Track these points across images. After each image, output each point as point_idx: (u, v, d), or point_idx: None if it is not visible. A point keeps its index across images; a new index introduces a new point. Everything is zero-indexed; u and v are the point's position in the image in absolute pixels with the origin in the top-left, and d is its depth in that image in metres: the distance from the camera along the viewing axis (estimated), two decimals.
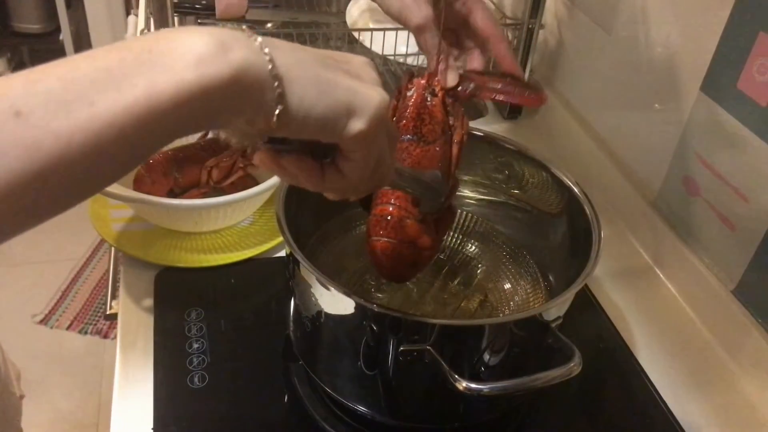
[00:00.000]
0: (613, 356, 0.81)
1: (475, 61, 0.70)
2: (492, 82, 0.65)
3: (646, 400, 0.76)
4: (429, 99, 0.63)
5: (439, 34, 0.65)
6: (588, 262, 0.62)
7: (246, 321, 0.81)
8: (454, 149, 0.63)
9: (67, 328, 1.98)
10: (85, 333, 1.97)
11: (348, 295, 0.58)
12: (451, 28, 0.69)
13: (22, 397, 0.90)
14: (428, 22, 0.65)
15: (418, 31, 0.67)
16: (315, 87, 0.37)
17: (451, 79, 0.64)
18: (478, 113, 1.26)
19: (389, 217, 0.61)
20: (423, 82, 0.64)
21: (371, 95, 0.39)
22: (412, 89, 0.64)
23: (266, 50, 0.35)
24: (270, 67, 0.35)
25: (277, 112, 0.36)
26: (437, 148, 0.62)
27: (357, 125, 0.38)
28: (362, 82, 0.40)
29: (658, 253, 0.93)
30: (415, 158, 0.61)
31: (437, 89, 0.63)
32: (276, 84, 0.35)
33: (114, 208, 0.92)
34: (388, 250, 0.61)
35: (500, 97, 0.65)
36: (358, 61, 0.42)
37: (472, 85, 0.65)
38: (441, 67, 0.65)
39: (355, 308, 0.59)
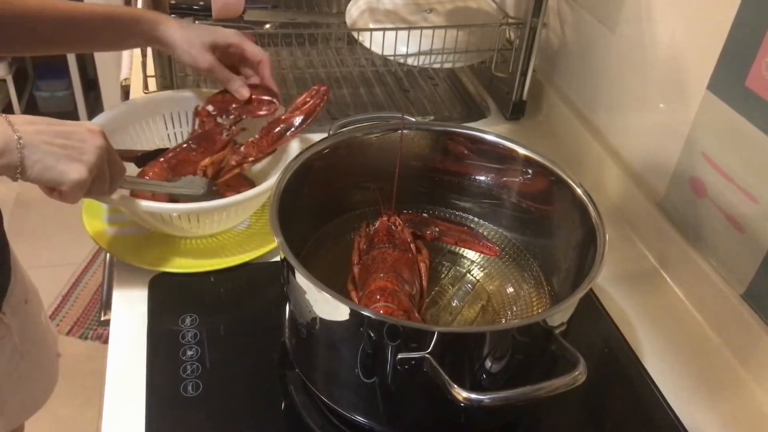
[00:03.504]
0: (618, 362, 0.79)
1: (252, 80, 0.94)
2: (454, 230, 0.79)
3: (653, 408, 0.74)
4: (393, 227, 0.76)
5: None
6: (593, 266, 0.60)
7: (242, 327, 0.79)
8: (423, 266, 0.74)
9: (68, 333, 1.97)
10: (86, 338, 1.96)
11: (343, 301, 0.56)
12: (230, 65, 0.92)
13: (58, 355, 1.01)
14: (213, 65, 0.89)
15: (208, 72, 0.90)
16: (41, 172, 0.63)
17: (245, 92, 0.92)
18: (480, 114, 1.24)
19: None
20: (384, 219, 0.77)
21: (70, 175, 0.64)
22: (377, 224, 0.77)
23: (20, 146, 0.61)
24: (19, 159, 0.61)
25: (18, 176, 0.63)
26: (410, 255, 0.73)
27: (63, 188, 0.65)
28: (70, 163, 0.64)
29: (665, 256, 0.91)
30: (393, 259, 0.71)
31: (397, 224, 0.77)
32: (18, 171, 0.62)
33: (108, 212, 0.90)
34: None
35: (460, 244, 0.79)
36: (83, 137, 0.66)
37: (437, 230, 0.79)
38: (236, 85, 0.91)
39: (351, 315, 0.57)
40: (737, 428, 0.73)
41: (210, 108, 0.94)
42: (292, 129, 0.89)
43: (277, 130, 0.89)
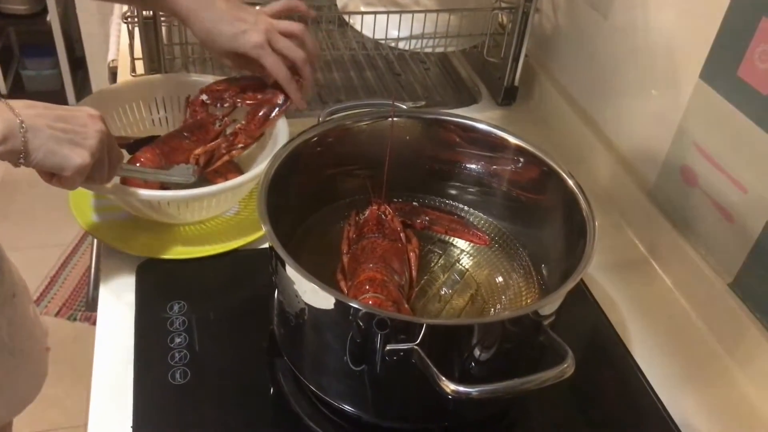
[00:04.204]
0: (606, 350, 0.79)
1: None
2: (444, 219, 0.79)
3: (639, 396, 0.74)
4: (383, 216, 0.76)
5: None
6: (582, 259, 0.60)
7: (230, 315, 0.78)
8: (412, 256, 0.74)
9: (56, 315, 1.96)
10: (74, 320, 1.95)
11: (332, 293, 0.55)
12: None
13: (48, 349, 0.99)
14: (233, 64, 0.87)
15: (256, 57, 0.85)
16: (45, 157, 0.62)
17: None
18: (472, 99, 1.23)
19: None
20: (374, 208, 0.76)
21: (74, 159, 0.64)
22: (366, 213, 0.77)
23: (23, 130, 0.60)
24: (22, 144, 0.60)
25: (21, 161, 0.62)
26: (399, 245, 0.73)
27: (65, 173, 0.64)
28: (73, 148, 0.64)
29: (654, 245, 0.91)
30: (383, 249, 0.71)
31: (387, 213, 0.77)
32: (21, 156, 0.61)
33: (95, 197, 0.89)
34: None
35: (450, 233, 0.79)
36: (84, 122, 0.66)
37: (427, 219, 0.79)
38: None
39: (340, 306, 0.56)
40: (722, 416, 0.74)
41: (204, 97, 0.92)
42: (277, 110, 0.88)
43: (261, 113, 0.88)
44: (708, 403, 0.75)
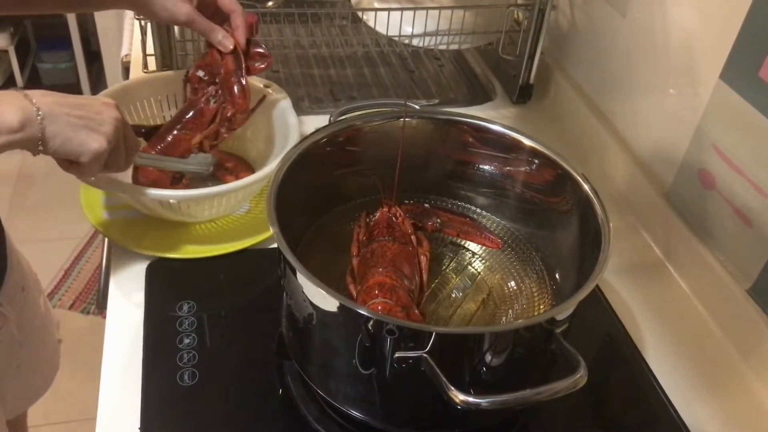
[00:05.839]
0: (620, 356, 0.78)
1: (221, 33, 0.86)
2: (456, 222, 0.78)
3: (653, 403, 0.73)
4: (394, 219, 0.75)
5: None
6: (596, 264, 0.59)
7: (240, 315, 0.78)
8: (423, 259, 0.73)
9: (69, 308, 1.97)
10: (87, 313, 1.96)
11: (341, 299, 0.55)
12: (208, 14, 0.86)
13: (60, 341, 1.00)
14: (192, 16, 0.83)
15: (188, 24, 0.85)
16: (62, 143, 0.63)
17: (228, 43, 0.86)
18: (486, 97, 1.22)
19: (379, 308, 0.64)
20: (385, 210, 0.75)
21: (91, 145, 0.64)
22: (377, 215, 0.76)
23: (40, 117, 0.61)
24: (40, 131, 0.61)
25: (39, 149, 0.63)
26: (410, 249, 0.72)
27: (83, 159, 0.65)
28: (89, 134, 0.64)
29: (670, 248, 0.90)
30: (393, 253, 0.70)
31: (398, 215, 0.75)
32: (39, 144, 0.62)
33: (106, 194, 0.89)
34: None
35: (462, 236, 0.78)
36: (99, 109, 0.66)
37: (438, 221, 0.78)
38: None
39: (349, 313, 0.56)
40: (738, 424, 0.72)
41: (200, 73, 0.89)
42: (239, 77, 0.86)
43: (234, 83, 0.86)
44: (723, 410, 0.73)
